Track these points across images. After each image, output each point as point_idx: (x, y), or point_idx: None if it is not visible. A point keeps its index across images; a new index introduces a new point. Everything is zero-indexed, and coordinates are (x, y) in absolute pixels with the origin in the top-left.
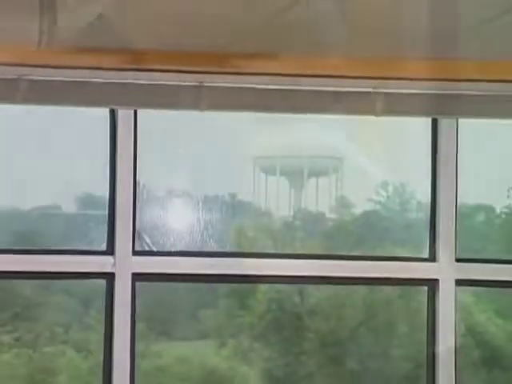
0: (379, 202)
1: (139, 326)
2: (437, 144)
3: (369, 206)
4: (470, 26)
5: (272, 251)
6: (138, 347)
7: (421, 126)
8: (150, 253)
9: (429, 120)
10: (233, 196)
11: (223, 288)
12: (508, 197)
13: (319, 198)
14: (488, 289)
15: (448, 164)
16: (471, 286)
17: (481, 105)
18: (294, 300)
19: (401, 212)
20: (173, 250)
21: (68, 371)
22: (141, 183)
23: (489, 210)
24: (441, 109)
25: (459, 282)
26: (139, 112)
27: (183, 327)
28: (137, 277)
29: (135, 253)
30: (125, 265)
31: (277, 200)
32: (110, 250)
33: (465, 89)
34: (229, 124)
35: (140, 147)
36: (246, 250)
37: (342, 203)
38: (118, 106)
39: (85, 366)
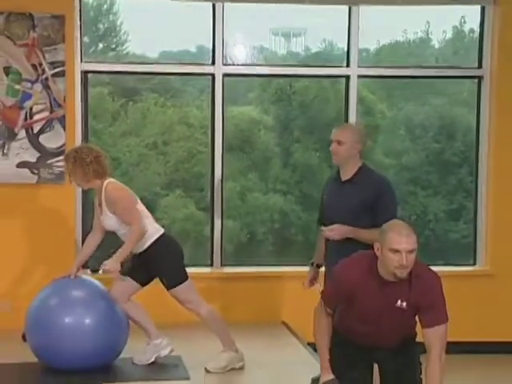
0: (322, 48)
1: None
2: (350, 21)
3: (317, 50)
4: None
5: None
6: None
7: (343, 11)
8: (229, 64)
9: (347, 7)
10: (263, 46)
11: (257, 80)
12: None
13: (297, 47)
14: (373, 79)
15: (356, 33)
16: (364, 78)
17: None
18: (286, 88)
19: (329, 52)
20: (239, 63)
21: (194, 120)
22: (225, 39)
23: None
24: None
25: (359, 77)
26: (225, 5)
27: (241, 99)
28: (224, 76)
29: (223, 64)
30: (219, 70)
31: (279, 47)
32: (213, 63)
33: None
34: (261, 12)
35: (225, 22)
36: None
37: (306, 49)
38: (215, 1)
39: (201, 115)
